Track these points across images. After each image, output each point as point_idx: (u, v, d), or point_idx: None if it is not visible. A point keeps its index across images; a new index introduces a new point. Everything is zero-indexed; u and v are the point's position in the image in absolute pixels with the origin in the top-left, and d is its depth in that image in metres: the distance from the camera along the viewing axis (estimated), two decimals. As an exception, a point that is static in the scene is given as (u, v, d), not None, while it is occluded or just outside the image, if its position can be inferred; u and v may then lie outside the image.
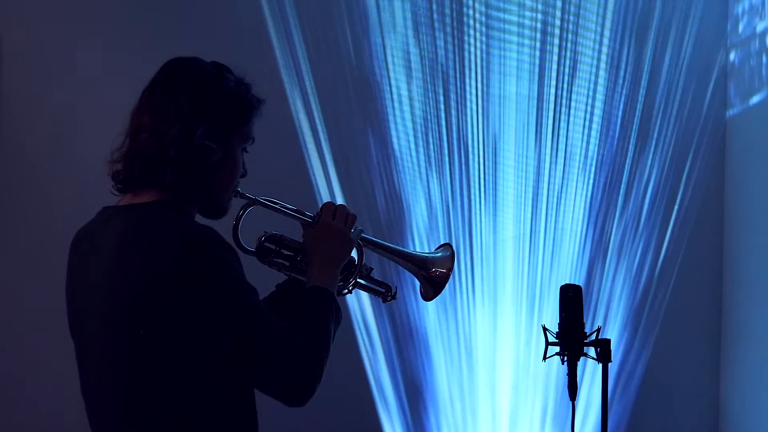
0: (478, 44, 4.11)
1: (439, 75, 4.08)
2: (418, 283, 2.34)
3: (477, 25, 4.11)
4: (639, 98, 4.28)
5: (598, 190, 4.25)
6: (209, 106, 1.83)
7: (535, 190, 4.18)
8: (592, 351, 3.13)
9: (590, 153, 4.24)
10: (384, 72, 4.02)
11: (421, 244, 4.04)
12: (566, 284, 3.19)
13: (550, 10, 4.18)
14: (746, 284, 4.19)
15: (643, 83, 4.29)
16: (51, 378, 3.51)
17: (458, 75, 4.10)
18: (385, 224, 4.00)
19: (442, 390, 4.08)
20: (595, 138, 4.25)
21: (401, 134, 4.05)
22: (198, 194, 1.86)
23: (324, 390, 1.84)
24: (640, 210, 4.29)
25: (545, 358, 3.15)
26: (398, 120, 4.05)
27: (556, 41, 4.19)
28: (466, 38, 4.10)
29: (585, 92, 4.23)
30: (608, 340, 3.11)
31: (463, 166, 4.10)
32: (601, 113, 4.25)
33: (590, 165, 4.24)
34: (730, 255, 4.32)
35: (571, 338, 3.10)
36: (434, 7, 4.06)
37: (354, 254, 2.15)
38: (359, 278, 2.22)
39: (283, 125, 3.86)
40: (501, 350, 4.13)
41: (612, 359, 3.11)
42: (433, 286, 2.31)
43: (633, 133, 4.28)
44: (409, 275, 2.46)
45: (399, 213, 4.03)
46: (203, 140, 1.82)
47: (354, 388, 3.93)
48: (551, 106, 4.19)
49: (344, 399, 3.80)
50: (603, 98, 4.25)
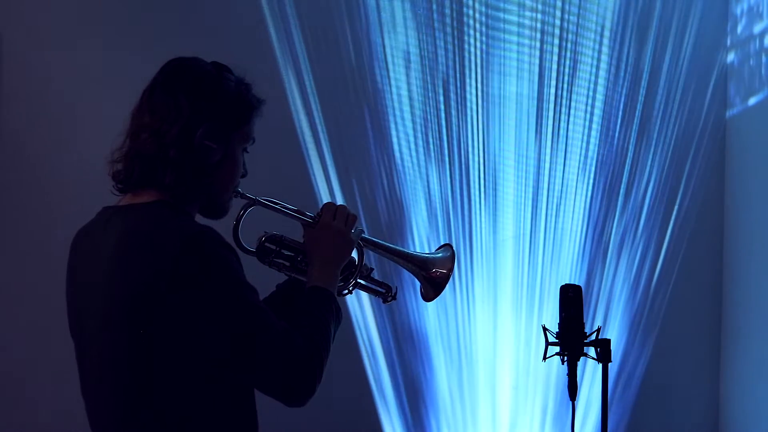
0: (478, 44, 4.11)
1: (439, 75, 4.08)
2: (419, 284, 2.34)
3: (477, 25, 4.11)
4: (639, 98, 4.28)
5: (598, 190, 4.25)
6: (209, 106, 1.83)
7: (535, 190, 4.18)
8: (592, 351, 3.13)
9: (590, 153, 4.24)
10: (384, 72, 4.02)
11: (421, 245, 4.04)
12: (566, 284, 3.20)
13: (550, 10, 4.18)
14: (746, 284, 4.19)
15: (643, 83, 4.29)
16: (51, 378, 3.51)
17: (458, 75, 4.10)
18: (385, 224, 4.00)
19: (442, 390, 4.07)
20: (595, 138, 4.24)
21: (401, 134, 4.05)
22: (198, 194, 1.86)
23: (324, 390, 1.84)
24: (640, 210, 4.29)
25: (545, 358, 3.15)
26: (398, 120, 4.04)
27: (556, 41, 4.19)
28: (466, 38, 4.10)
29: (585, 92, 4.23)
30: (608, 340, 3.12)
31: (463, 167, 4.10)
32: (601, 113, 4.25)
33: (590, 165, 4.24)
34: (730, 255, 4.32)
35: (571, 338, 3.11)
36: (434, 7, 4.06)
37: (354, 254, 2.15)
38: (359, 278, 2.22)
39: (283, 125, 3.86)
40: (501, 350, 4.13)
41: (612, 359, 3.12)
42: (434, 287, 2.31)
43: (633, 133, 4.28)
44: (409, 276, 2.46)
45: (399, 213, 4.03)
46: (203, 140, 1.82)
47: (354, 388, 3.93)
48: (551, 106, 4.19)
49: (344, 399, 3.80)
50: (603, 98, 4.25)
